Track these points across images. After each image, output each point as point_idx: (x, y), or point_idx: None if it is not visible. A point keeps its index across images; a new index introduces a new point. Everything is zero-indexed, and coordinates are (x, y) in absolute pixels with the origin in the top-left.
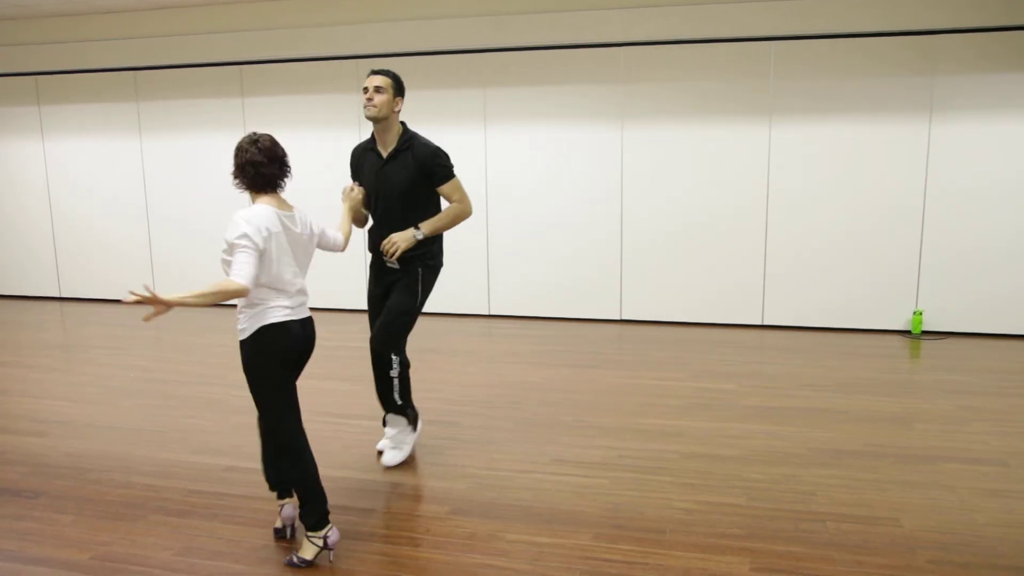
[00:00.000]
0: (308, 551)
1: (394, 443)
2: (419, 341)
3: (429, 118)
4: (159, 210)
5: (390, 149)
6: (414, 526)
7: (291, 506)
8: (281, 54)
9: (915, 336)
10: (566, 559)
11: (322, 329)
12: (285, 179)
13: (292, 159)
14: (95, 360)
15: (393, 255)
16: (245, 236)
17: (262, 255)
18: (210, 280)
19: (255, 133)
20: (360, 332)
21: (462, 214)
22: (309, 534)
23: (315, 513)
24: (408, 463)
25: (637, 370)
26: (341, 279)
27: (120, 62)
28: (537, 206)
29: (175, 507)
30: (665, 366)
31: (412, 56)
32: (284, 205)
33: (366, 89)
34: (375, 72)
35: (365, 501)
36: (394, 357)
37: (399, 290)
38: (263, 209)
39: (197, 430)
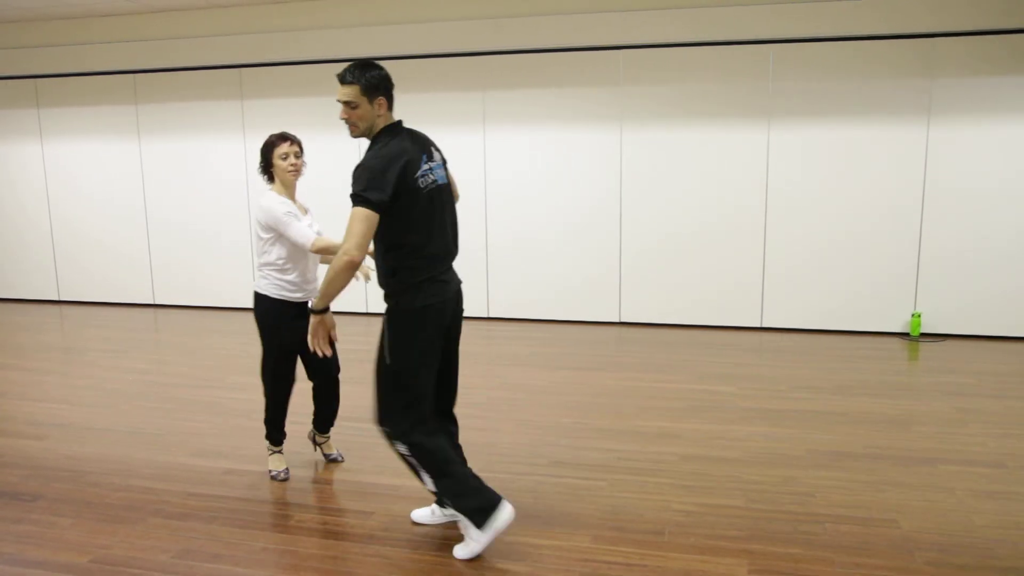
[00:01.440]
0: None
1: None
2: None
3: (428, 120)
4: (158, 213)
5: None
6: (413, 528)
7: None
8: (280, 57)
9: (913, 338)
10: (565, 561)
11: None
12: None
13: None
14: (94, 363)
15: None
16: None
17: None
18: (208, 282)
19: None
20: (357, 334)
21: (333, 266)
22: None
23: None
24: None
25: (636, 372)
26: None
27: (119, 65)
28: (536, 208)
29: (174, 510)
30: (664, 368)
31: (411, 59)
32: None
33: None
34: (341, 81)
35: (364, 503)
36: (387, 431)
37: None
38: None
39: (196, 433)
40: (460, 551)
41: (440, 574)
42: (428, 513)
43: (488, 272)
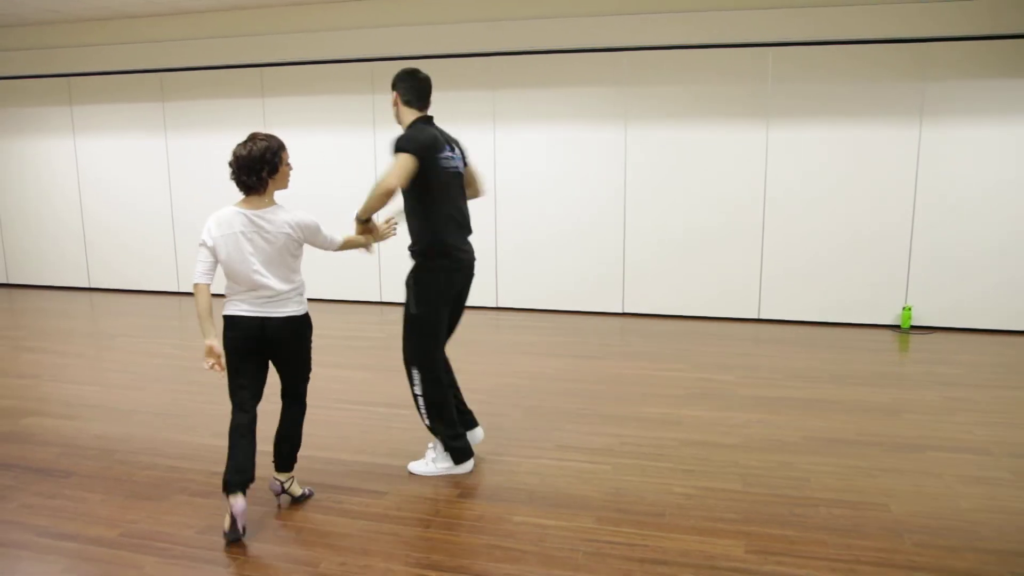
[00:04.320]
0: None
1: (428, 455)
2: None
3: (440, 119)
4: (183, 204)
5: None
6: (424, 508)
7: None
8: (299, 57)
9: (904, 330)
10: (569, 540)
11: (337, 320)
12: (265, 181)
13: (308, 156)
14: (122, 347)
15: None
16: (202, 237)
17: (213, 252)
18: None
19: (255, 135)
20: (373, 323)
21: (376, 187)
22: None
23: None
24: (418, 448)
25: (639, 361)
26: (356, 272)
27: (147, 64)
28: (543, 204)
29: (198, 487)
30: (666, 358)
31: (424, 59)
32: (260, 204)
33: None
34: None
35: (378, 484)
36: (413, 370)
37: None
38: (225, 210)
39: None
40: (416, 467)
41: (450, 551)
42: (423, 464)
43: (497, 264)
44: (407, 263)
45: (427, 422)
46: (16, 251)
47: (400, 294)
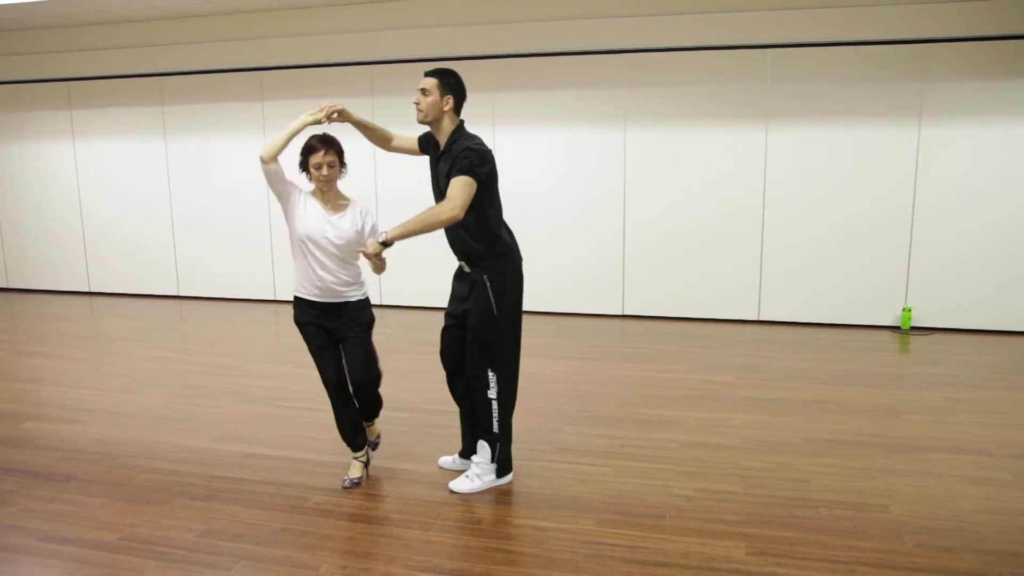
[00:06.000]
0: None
1: (471, 472)
2: (428, 335)
3: None
4: (182, 208)
5: (441, 148)
6: (425, 511)
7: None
8: (298, 60)
9: (904, 331)
10: (570, 543)
11: None
12: (308, 173)
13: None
14: (122, 351)
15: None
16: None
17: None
18: (229, 275)
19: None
20: (379, 326)
21: (435, 217)
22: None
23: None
24: (419, 451)
25: (639, 363)
26: (365, 273)
27: (146, 68)
28: (543, 206)
29: (198, 492)
30: (665, 359)
31: (423, 62)
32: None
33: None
34: (425, 74)
35: (378, 487)
36: (490, 374)
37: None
38: None
39: (219, 419)
40: (461, 485)
41: (450, 554)
42: (451, 460)
43: None
44: (406, 265)
45: (496, 429)
46: (16, 255)
47: (399, 296)
